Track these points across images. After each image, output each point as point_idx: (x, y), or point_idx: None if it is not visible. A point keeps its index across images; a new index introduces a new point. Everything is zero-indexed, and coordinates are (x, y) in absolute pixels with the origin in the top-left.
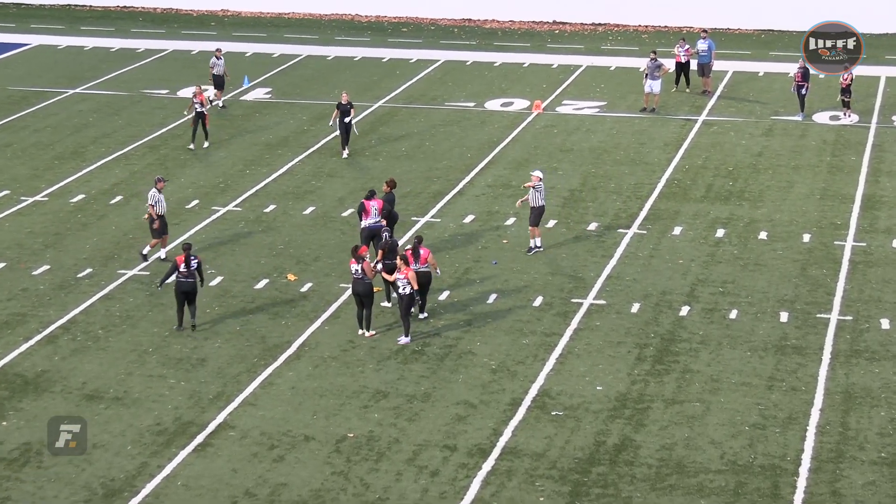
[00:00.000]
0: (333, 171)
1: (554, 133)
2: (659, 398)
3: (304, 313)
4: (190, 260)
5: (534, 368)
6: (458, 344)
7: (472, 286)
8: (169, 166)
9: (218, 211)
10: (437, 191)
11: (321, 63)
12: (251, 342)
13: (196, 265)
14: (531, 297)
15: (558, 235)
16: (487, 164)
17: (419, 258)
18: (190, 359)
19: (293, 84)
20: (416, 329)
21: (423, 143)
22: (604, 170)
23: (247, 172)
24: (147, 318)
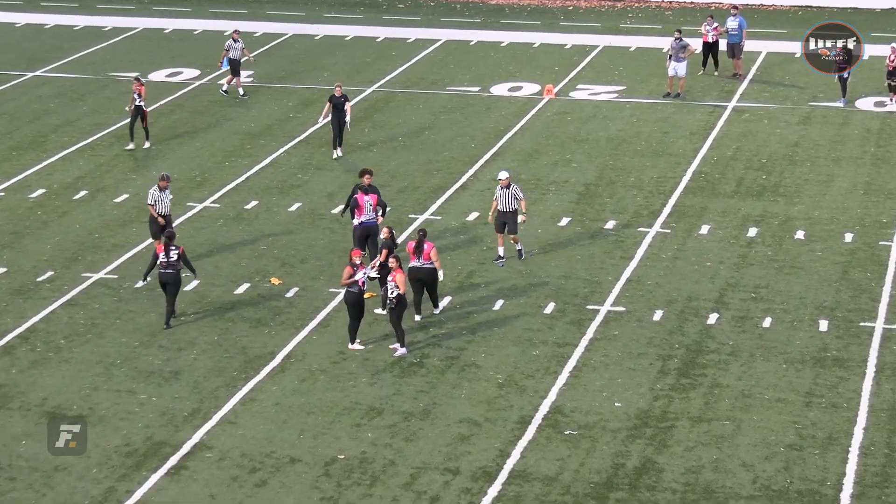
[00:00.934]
0: (322, 163)
1: (567, 121)
2: (684, 416)
3: (290, 321)
4: (169, 249)
5: (545, 383)
6: (460, 355)
7: (476, 291)
8: (138, 157)
9: (194, 207)
10: (437, 185)
11: (308, 43)
12: (231, 353)
13: (176, 256)
14: (542, 304)
15: (572, 235)
16: (493, 156)
17: (422, 253)
18: (162, 372)
19: (277, 66)
20: (414, 338)
21: (422, 132)
22: (623, 162)
23: (226, 165)
24: (115, 327)
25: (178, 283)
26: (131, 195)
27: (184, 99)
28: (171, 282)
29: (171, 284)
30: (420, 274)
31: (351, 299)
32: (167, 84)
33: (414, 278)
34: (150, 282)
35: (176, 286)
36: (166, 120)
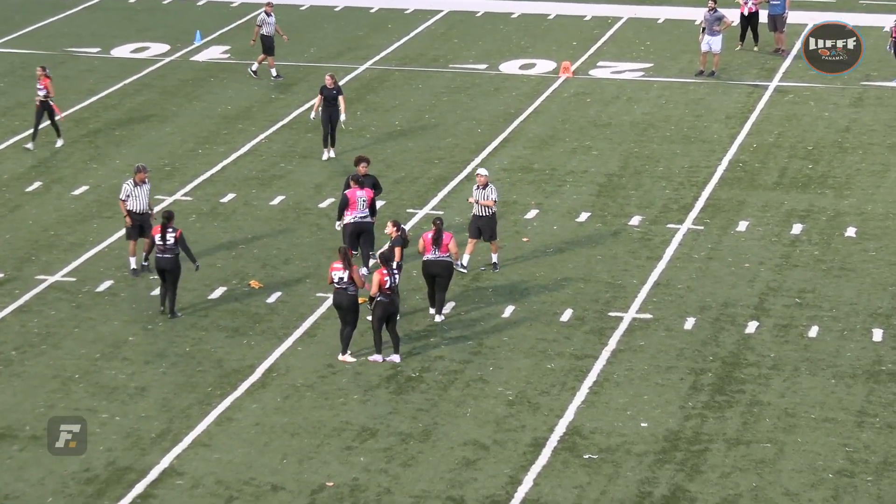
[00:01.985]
0: (308, 150)
1: (587, 103)
2: (719, 438)
3: (272, 330)
4: (166, 232)
5: (561, 400)
6: (465, 369)
7: (484, 296)
8: (100, 144)
9: (163, 201)
10: (438, 176)
11: (292, 14)
12: (204, 367)
13: (173, 239)
14: (558, 310)
15: (592, 232)
16: (503, 142)
17: (440, 245)
18: (127, 387)
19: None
20: (411, 349)
21: (422, 115)
22: (650, 149)
23: (199, 152)
24: (73, 336)
25: (178, 270)
26: (91, 187)
27: (151, 78)
28: (170, 268)
29: (170, 272)
30: (436, 268)
31: (345, 302)
32: (132, 61)
33: (428, 273)
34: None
35: (175, 273)
36: (131, 102)
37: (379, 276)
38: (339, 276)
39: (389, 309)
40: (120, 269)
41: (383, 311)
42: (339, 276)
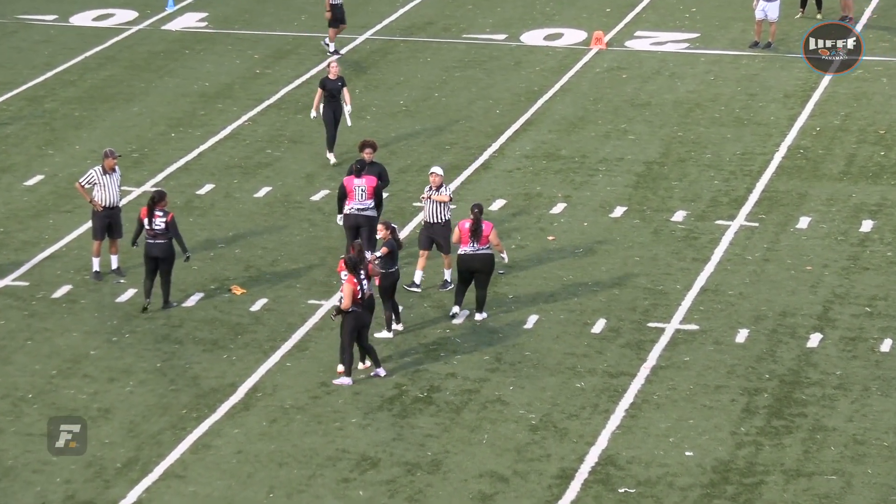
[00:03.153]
0: (300, 134)
1: (622, 79)
2: (776, 469)
3: (256, 343)
4: (154, 214)
5: (593, 424)
6: (481, 388)
7: (504, 304)
8: (57, 127)
9: (129, 193)
10: (450, 163)
11: None
12: (178, 385)
13: (164, 224)
14: (589, 320)
15: (629, 229)
16: (525, 125)
17: (479, 236)
18: (88, 409)
19: (239, 7)
20: (417, 364)
21: (431, 93)
22: (696, 133)
23: (172, 136)
24: (25, 350)
25: (172, 258)
26: (47, 176)
27: (116, 50)
28: (163, 256)
29: (164, 260)
30: (474, 263)
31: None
32: (94, 30)
33: (464, 268)
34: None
35: (169, 260)
36: (94, 77)
37: (351, 286)
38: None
39: (363, 320)
40: (80, 272)
41: (356, 322)
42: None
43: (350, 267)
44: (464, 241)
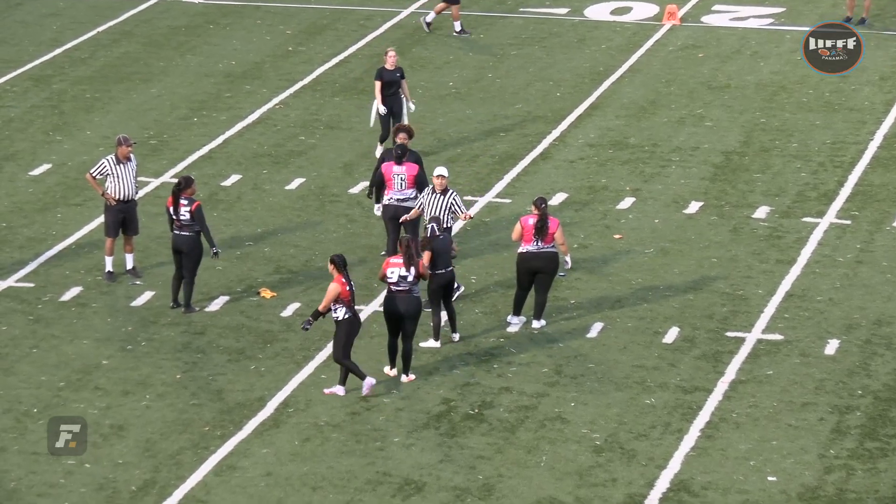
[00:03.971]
0: (336, 118)
1: (698, 59)
2: (870, 496)
3: (288, 352)
4: (179, 203)
5: (664, 446)
6: (539, 404)
7: (564, 311)
8: (66, 111)
9: (146, 185)
10: (505, 153)
11: None
12: (200, 399)
13: (188, 214)
14: (659, 329)
15: (704, 227)
16: (589, 110)
17: (545, 234)
18: (99, 425)
19: None
20: (469, 376)
21: (484, 74)
22: (780, 119)
23: (194, 121)
24: (30, 359)
25: (198, 253)
26: (55, 165)
27: (132, 24)
28: (187, 249)
29: (187, 254)
30: (537, 262)
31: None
32: (109, 2)
33: (526, 269)
34: None
35: (194, 256)
36: (107, 55)
37: (338, 286)
38: (399, 274)
39: (357, 327)
40: (91, 273)
41: (354, 329)
42: (397, 274)
43: (339, 265)
44: (526, 239)
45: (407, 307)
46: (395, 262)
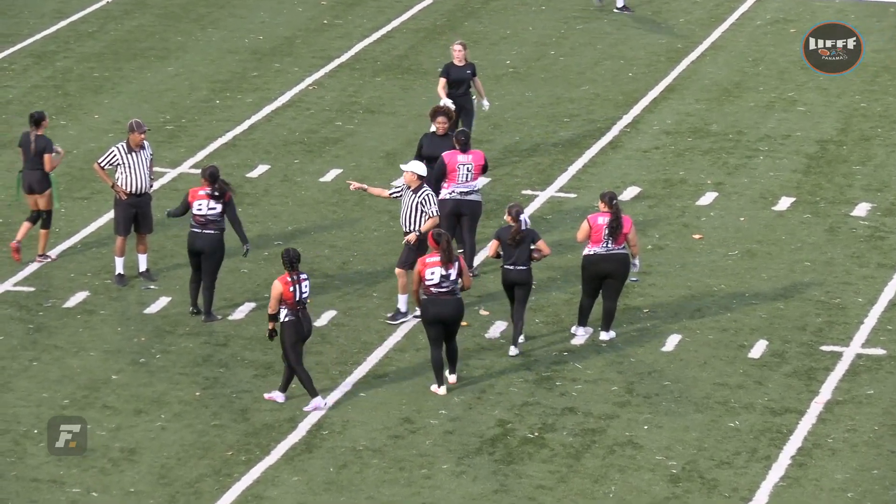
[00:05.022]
0: (378, 101)
1: (790, 35)
2: None
3: (322, 367)
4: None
5: (749, 475)
6: (607, 427)
7: (636, 321)
8: (70, 91)
9: (162, 176)
10: (568, 141)
11: None
12: (222, 420)
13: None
14: (745, 342)
15: (796, 226)
16: (665, 93)
17: (617, 234)
18: (109, 448)
19: None
20: (528, 393)
21: (545, 51)
22: (883, 104)
23: (216, 104)
24: (29, 373)
25: (221, 253)
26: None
27: None
28: (210, 250)
29: (210, 255)
30: (607, 266)
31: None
32: None
33: (593, 273)
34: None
35: (217, 258)
36: (118, 28)
37: (279, 286)
38: (441, 273)
39: (302, 331)
40: (99, 275)
41: (296, 333)
42: (438, 273)
43: (286, 262)
44: (595, 240)
45: (453, 310)
46: (433, 260)
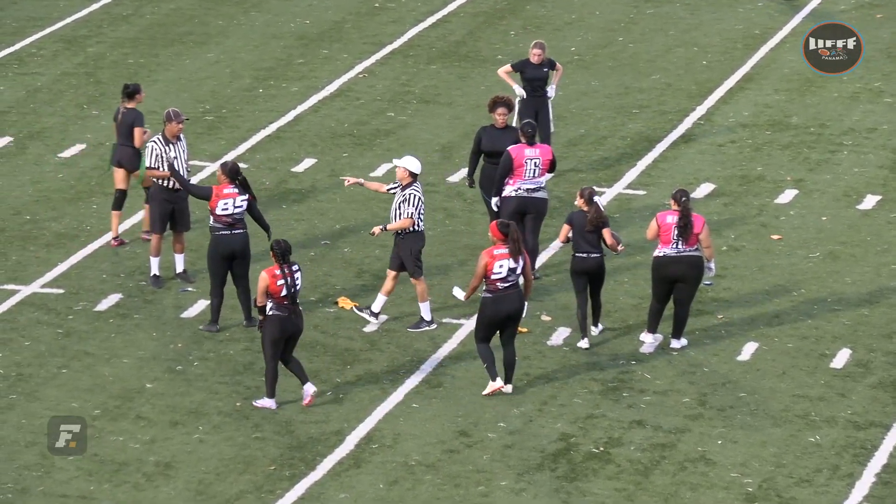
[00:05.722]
0: (433, 90)
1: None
2: None
3: (372, 376)
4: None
5: (831, 493)
6: (677, 442)
7: (710, 327)
8: (103, 79)
9: (201, 170)
10: (639, 134)
11: None
12: (264, 432)
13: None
14: (826, 351)
15: (884, 226)
16: (742, 82)
17: (688, 234)
18: (143, 462)
19: None
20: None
21: (613, 37)
22: None
23: (259, 92)
24: (57, 381)
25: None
26: (90, 146)
27: None
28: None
29: (244, 257)
30: (677, 268)
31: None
32: None
33: (663, 277)
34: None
35: (248, 258)
36: (154, 11)
37: (265, 277)
38: (509, 267)
39: (288, 328)
40: (133, 276)
41: (279, 330)
42: (507, 267)
43: (276, 254)
44: (664, 241)
45: (518, 304)
46: (501, 252)
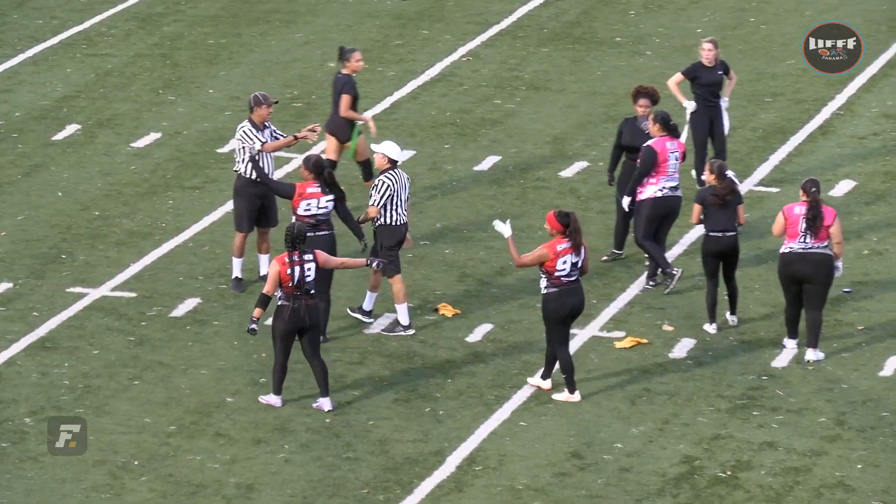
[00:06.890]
0: (544, 76)
1: None
2: None
3: (476, 390)
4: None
5: None
6: (813, 466)
7: (848, 339)
8: (180, 61)
9: (289, 161)
10: (772, 125)
11: None
12: (356, 451)
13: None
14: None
15: None
16: (886, 68)
17: (818, 228)
18: (222, 483)
19: None
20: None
21: (743, 17)
22: None
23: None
24: (130, 395)
25: (334, 255)
26: (165, 135)
27: None
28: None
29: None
30: (803, 267)
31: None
32: None
33: (789, 276)
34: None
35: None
36: None
37: (276, 265)
38: (572, 262)
39: (299, 321)
40: (213, 279)
41: (291, 323)
42: (570, 262)
43: (288, 240)
44: (791, 234)
45: (583, 299)
46: (563, 248)
